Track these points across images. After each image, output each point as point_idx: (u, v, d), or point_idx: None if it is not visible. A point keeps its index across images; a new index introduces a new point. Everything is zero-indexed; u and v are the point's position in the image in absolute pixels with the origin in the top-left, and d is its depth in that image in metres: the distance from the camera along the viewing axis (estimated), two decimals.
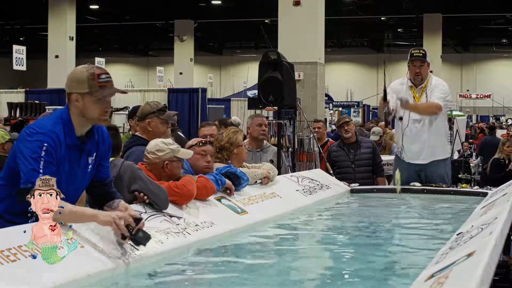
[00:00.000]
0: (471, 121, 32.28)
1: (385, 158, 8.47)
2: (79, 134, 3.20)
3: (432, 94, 6.37)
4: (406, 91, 6.43)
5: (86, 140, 3.25)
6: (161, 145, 4.07)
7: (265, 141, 6.76)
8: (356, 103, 28.74)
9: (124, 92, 3.27)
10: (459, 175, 10.98)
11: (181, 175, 4.11)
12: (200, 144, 4.56)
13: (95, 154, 3.31)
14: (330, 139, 9.50)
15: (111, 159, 3.65)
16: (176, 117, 5.23)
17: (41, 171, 2.91)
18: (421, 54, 6.45)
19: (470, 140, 18.16)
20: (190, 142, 4.70)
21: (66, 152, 3.13)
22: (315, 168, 8.54)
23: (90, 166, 3.29)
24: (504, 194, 4.46)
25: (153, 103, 5.05)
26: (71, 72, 3.26)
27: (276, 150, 6.90)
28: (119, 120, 13.16)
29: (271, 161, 6.55)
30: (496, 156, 9.97)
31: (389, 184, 7.97)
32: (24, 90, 17.96)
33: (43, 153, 2.96)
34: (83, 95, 3.14)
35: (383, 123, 15.36)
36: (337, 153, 7.39)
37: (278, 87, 7.17)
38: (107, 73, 3.21)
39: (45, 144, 2.98)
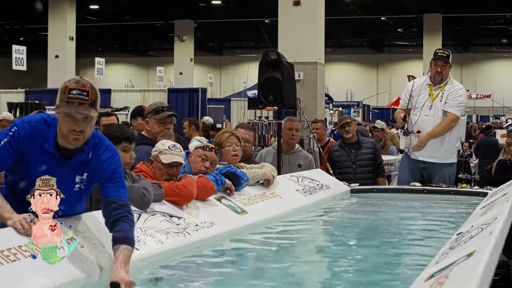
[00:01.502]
0: (471, 121, 32.24)
1: (383, 158, 8.44)
2: (62, 144, 3.03)
3: (447, 100, 6.45)
4: (423, 89, 6.53)
5: (71, 155, 3.06)
6: (157, 144, 4.18)
7: (297, 145, 6.86)
8: (356, 103, 28.71)
9: (85, 115, 2.93)
10: (459, 175, 10.92)
11: (179, 175, 4.12)
12: (207, 149, 4.54)
13: (85, 174, 3.11)
14: (332, 139, 9.47)
15: None
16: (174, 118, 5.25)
17: (2, 143, 3.01)
18: (445, 55, 6.56)
19: (471, 140, 18.13)
20: (199, 144, 4.70)
21: (43, 156, 3.02)
22: (315, 168, 8.52)
23: (77, 185, 3.11)
24: (504, 194, 4.46)
25: (154, 103, 5.21)
26: None
27: (307, 155, 6.97)
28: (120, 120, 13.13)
29: (299, 166, 6.58)
30: (501, 157, 9.68)
31: (389, 184, 7.97)
32: (24, 90, 17.98)
33: (10, 133, 3.03)
34: (56, 106, 3.00)
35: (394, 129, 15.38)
36: (338, 153, 7.39)
37: (278, 87, 7.15)
38: (83, 90, 2.93)
39: (13, 129, 3.04)
